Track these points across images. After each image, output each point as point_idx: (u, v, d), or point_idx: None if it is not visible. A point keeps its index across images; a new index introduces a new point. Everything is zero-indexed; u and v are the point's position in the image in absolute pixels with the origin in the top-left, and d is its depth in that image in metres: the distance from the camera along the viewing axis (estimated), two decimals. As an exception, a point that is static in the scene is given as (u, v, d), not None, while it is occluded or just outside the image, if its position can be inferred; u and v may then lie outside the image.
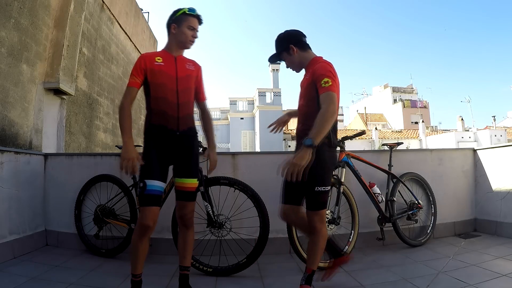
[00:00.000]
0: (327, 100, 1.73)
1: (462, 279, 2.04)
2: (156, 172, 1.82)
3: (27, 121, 3.86)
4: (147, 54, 1.95)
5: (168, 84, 1.88)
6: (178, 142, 1.90)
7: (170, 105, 1.87)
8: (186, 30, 1.91)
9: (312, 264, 1.88)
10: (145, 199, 1.78)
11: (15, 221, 2.65)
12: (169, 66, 1.92)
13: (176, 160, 1.92)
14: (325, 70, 1.80)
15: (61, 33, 4.30)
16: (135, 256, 1.81)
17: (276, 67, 23.69)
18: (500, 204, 3.15)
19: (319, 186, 1.83)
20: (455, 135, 22.48)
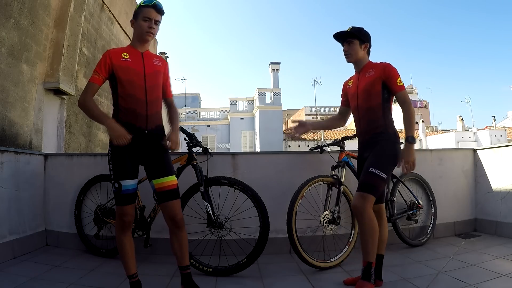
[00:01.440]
0: (407, 100, 2.01)
1: (462, 279, 2.04)
2: (129, 171, 1.83)
3: (27, 121, 3.86)
4: (113, 50, 1.91)
5: (136, 80, 1.85)
6: (147, 141, 1.87)
7: (139, 103, 1.84)
8: (142, 22, 1.88)
9: (366, 256, 1.84)
10: (122, 199, 1.81)
11: (15, 221, 2.65)
12: (136, 62, 1.88)
13: (148, 160, 1.89)
14: (396, 72, 2.01)
15: (61, 33, 4.30)
16: (125, 255, 1.83)
17: (276, 67, 23.70)
18: (500, 204, 3.15)
19: (375, 167, 1.88)
20: (455, 135, 22.46)
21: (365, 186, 1.87)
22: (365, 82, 2.07)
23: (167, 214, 1.88)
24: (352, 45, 2.10)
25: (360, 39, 2.10)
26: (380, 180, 1.88)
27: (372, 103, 2.04)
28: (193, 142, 2.44)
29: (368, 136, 2.08)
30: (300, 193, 2.45)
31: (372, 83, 2.03)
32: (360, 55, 2.12)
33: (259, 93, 22.93)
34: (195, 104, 29.52)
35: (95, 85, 1.86)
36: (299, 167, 2.91)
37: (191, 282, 1.92)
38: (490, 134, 21.90)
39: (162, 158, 1.91)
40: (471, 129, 26.59)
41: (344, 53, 2.16)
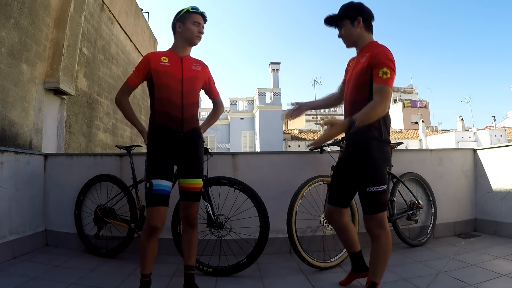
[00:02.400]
0: (382, 94, 1.60)
1: (462, 279, 2.04)
2: (163, 172, 1.82)
3: (27, 121, 3.86)
4: (154, 54, 1.95)
5: (172, 85, 1.88)
6: (183, 143, 1.90)
7: (175, 106, 1.87)
8: (191, 26, 1.92)
9: (372, 275, 1.69)
10: (152, 199, 1.77)
11: (15, 221, 2.65)
12: (175, 66, 1.91)
13: (181, 161, 1.92)
14: (386, 59, 1.64)
15: (61, 33, 4.30)
16: (143, 257, 1.82)
17: (276, 67, 23.70)
18: (500, 204, 3.15)
19: (371, 186, 1.66)
20: (455, 135, 22.47)
21: (372, 207, 1.68)
22: (356, 69, 1.77)
23: (184, 212, 1.94)
24: (344, 28, 1.81)
25: (349, 16, 1.78)
26: (382, 193, 1.68)
27: (357, 97, 1.73)
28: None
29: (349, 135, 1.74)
30: (300, 193, 2.45)
31: (361, 73, 1.72)
32: (356, 35, 1.79)
33: (259, 93, 22.94)
34: (195, 104, 29.44)
35: (130, 86, 1.97)
36: (299, 167, 2.91)
37: (192, 284, 1.93)
38: (490, 134, 21.90)
39: (196, 160, 1.94)
40: (471, 129, 26.61)
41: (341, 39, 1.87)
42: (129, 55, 7.66)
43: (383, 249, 1.69)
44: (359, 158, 1.73)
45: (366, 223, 1.73)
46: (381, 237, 1.68)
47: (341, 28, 1.84)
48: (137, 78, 1.93)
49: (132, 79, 1.94)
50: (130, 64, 7.67)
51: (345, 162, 1.89)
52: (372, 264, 1.71)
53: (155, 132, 1.89)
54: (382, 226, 1.69)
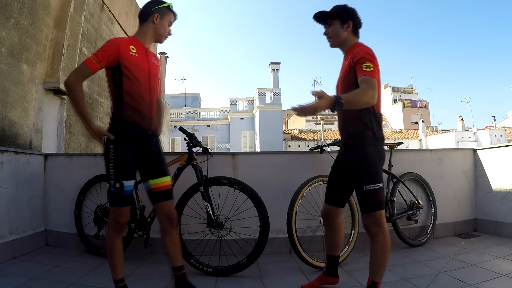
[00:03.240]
0: (369, 83, 1.58)
1: (462, 279, 2.04)
2: (131, 171, 1.76)
3: (27, 121, 3.86)
4: (122, 40, 1.77)
5: (142, 79, 1.78)
6: (148, 142, 1.83)
7: (144, 103, 1.79)
8: (167, 24, 1.86)
9: (373, 275, 1.68)
10: (122, 200, 1.72)
11: (15, 221, 2.65)
12: (143, 59, 1.80)
13: (146, 161, 1.83)
14: (366, 53, 1.67)
15: (61, 33, 4.31)
16: (116, 259, 1.75)
17: (276, 67, 23.70)
18: (500, 204, 3.15)
19: (367, 184, 1.68)
20: (455, 135, 22.47)
21: (369, 206, 1.70)
22: (342, 71, 1.81)
23: (164, 213, 1.85)
24: (332, 27, 1.83)
25: (340, 18, 1.81)
26: (379, 192, 1.70)
27: None
28: (193, 142, 2.44)
29: (344, 137, 1.85)
30: (300, 193, 2.45)
31: (346, 74, 1.75)
32: (343, 37, 1.82)
33: (259, 93, 22.94)
34: (195, 104, 29.52)
35: (89, 70, 1.69)
36: (299, 167, 2.91)
37: (186, 283, 1.84)
38: (490, 134, 21.92)
39: (160, 159, 1.89)
40: (471, 129, 26.62)
41: (326, 36, 1.88)
42: (129, 55, 7.65)
43: (382, 247, 1.69)
44: (355, 158, 1.74)
45: (364, 222, 1.74)
46: (379, 236, 1.69)
47: (329, 26, 1.85)
48: (99, 63, 1.68)
49: (93, 63, 1.67)
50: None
51: (341, 162, 1.90)
52: (372, 264, 1.71)
53: (124, 127, 1.75)
54: (380, 224, 1.70)
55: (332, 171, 1.98)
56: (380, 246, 1.69)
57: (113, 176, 1.71)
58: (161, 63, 2.10)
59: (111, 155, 1.72)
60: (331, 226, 2.00)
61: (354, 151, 1.76)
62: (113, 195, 1.71)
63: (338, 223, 1.99)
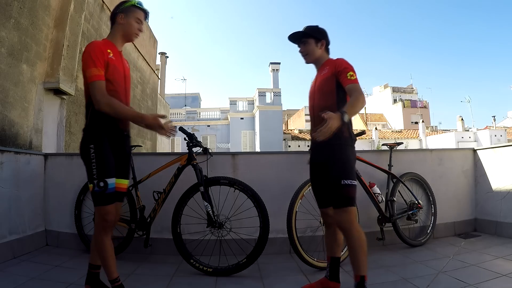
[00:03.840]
0: (357, 91, 1.80)
1: (462, 279, 2.04)
2: (113, 169, 1.76)
3: (27, 121, 3.86)
4: (101, 44, 1.78)
5: (119, 81, 1.81)
6: (124, 143, 1.86)
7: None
8: (134, 22, 1.85)
9: (358, 270, 1.73)
10: (107, 198, 1.71)
11: (15, 221, 2.65)
12: (118, 61, 1.82)
13: (118, 161, 1.83)
14: (348, 64, 1.88)
15: (61, 33, 4.31)
16: (108, 258, 1.75)
17: (276, 67, 23.69)
18: (500, 204, 3.15)
19: (345, 178, 1.78)
20: (455, 135, 22.48)
21: (344, 200, 1.77)
22: (320, 80, 1.98)
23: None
24: (307, 45, 2.01)
25: (315, 37, 2.00)
26: (354, 189, 1.80)
27: (326, 103, 1.90)
28: (193, 142, 2.44)
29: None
30: (300, 193, 2.45)
31: (326, 81, 1.92)
32: (318, 54, 2.02)
33: (259, 93, 22.94)
34: (195, 104, 29.53)
35: (102, 82, 1.70)
36: (299, 167, 2.91)
37: (99, 283, 1.86)
38: (490, 134, 21.93)
39: (129, 161, 1.92)
40: (471, 129, 26.64)
41: (301, 54, 2.06)
42: (129, 55, 7.66)
43: (359, 241, 1.75)
44: (334, 156, 1.84)
45: (338, 218, 1.80)
46: (353, 231, 1.76)
47: (305, 45, 2.02)
48: (102, 71, 1.71)
49: (100, 75, 1.70)
50: (130, 64, 7.64)
51: (319, 163, 1.96)
52: (355, 260, 1.76)
53: (103, 128, 1.77)
54: (352, 220, 1.78)
55: (313, 174, 2.04)
56: (357, 241, 1.75)
57: (96, 175, 1.71)
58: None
59: (92, 155, 1.72)
60: (332, 227, 2.01)
61: (334, 150, 1.85)
62: (97, 194, 1.71)
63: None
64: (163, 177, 2.54)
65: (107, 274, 1.77)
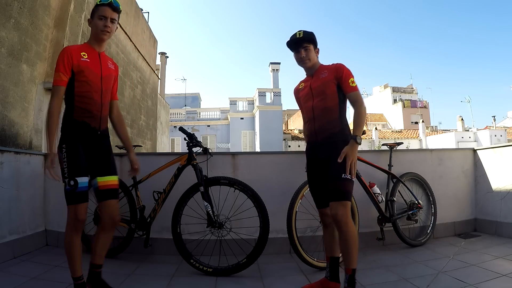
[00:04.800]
0: (359, 100, 1.95)
1: (462, 279, 2.04)
2: (84, 168, 1.79)
3: (27, 121, 3.86)
4: (73, 48, 1.84)
5: (94, 82, 1.84)
6: (99, 141, 1.89)
7: (95, 104, 1.85)
8: (97, 21, 1.87)
9: (349, 264, 1.80)
10: (77, 197, 1.76)
11: (15, 221, 2.65)
12: (95, 63, 1.87)
13: (96, 159, 1.88)
14: (348, 71, 1.99)
15: (61, 33, 4.31)
16: (73, 256, 1.79)
17: (276, 67, 23.69)
18: (500, 204, 3.15)
19: (346, 173, 1.85)
20: (455, 135, 22.48)
21: (342, 193, 1.83)
22: (319, 82, 2.04)
23: (108, 212, 1.89)
24: (309, 51, 2.07)
25: (314, 43, 2.09)
26: (352, 184, 1.88)
27: (328, 104, 1.99)
28: (193, 142, 2.44)
29: (325, 135, 2.00)
30: (300, 193, 2.45)
31: (327, 84, 2.00)
32: (315, 60, 2.11)
33: (259, 93, 22.93)
34: (195, 104, 29.53)
35: (62, 88, 1.79)
36: (299, 167, 2.90)
37: (101, 281, 1.91)
38: (490, 134, 21.92)
39: (109, 158, 1.94)
40: (471, 129, 26.64)
41: (300, 59, 2.09)
42: (129, 55, 7.66)
43: (352, 235, 1.81)
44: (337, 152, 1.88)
45: (335, 211, 1.83)
46: (349, 224, 1.82)
47: (306, 51, 2.07)
48: (64, 76, 1.77)
49: (62, 80, 1.77)
50: (130, 64, 7.67)
51: (320, 161, 2.01)
52: (346, 253, 1.82)
53: (74, 127, 1.82)
54: (348, 214, 1.84)
55: (311, 174, 2.09)
56: (351, 235, 1.81)
57: (67, 174, 1.76)
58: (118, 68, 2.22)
59: (63, 154, 1.78)
60: (330, 226, 2.03)
61: (337, 147, 1.90)
62: (68, 193, 1.77)
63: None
64: (163, 177, 2.55)
65: (71, 271, 1.80)
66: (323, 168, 1.98)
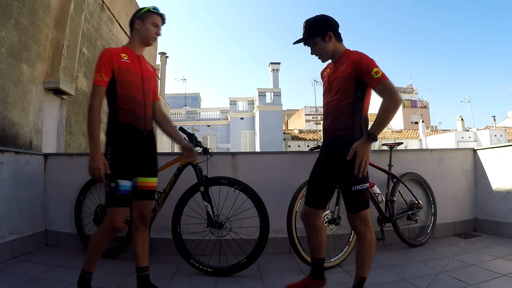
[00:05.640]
0: (388, 91, 1.68)
1: (462, 279, 2.04)
2: (127, 171, 1.79)
3: (27, 121, 3.86)
4: (113, 50, 1.87)
5: (135, 83, 1.87)
6: (145, 142, 1.91)
7: (139, 105, 1.87)
8: (150, 26, 1.92)
9: (361, 271, 1.75)
10: (117, 200, 1.74)
11: (15, 221, 2.65)
12: (135, 64, 1.90)
13: (140, 160, 1.88)
14: (369, 60, 1.71)
15: (61, 33, 4.31)
16: (94, 255, 1.80)
17: (276, 67, 23.70)
18: (500, 204, 3.15)
19: (356, 184, 1.70)
20: (455, 135, 22.47)
21: (358, 206, 1.74)
22: (336, 75, 1.81)
23: (140, 211, 1.90)
24: (316, 46, 1.84)
25: (319, 34, 1.80)
26: (366, 191, 1.75)
27: (341, 102, 1.77)
28: (193, 142, 2.44)
29: (331, 136, 1.84)
30: (300, 193, 2.45)
31: (343, 80, 1.76)
32: (331, 49, 1.82)
33: (259, 93, 22.94)
34: (195, 104, 29.53)
35: (102, 88, 1.79)
36: (299, 167, 2.91)
37: (150, 285, 1.90)
38: (490, 134, 21.91)
39: (154, 159, 1.97)
40: (471, 129, 26.61)
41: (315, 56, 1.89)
42: (129, 55, 7.64)
43: (369, 244, 1.76)
44: (343, 160, 1.72)
45: (352, 221, 1.78)
46: (367, 234, 1.75)
47: (313, 47, 1.85)
48: (106, 77, 1.78)
49: (102, 80, 1.77)
50: (130, 64, 7.63)
51: (325, 162, 1.87)
52: (360, 260, 1.76)
53: (119, 129, 1.83)
54: (367, 223, 1.76)
55: (314, 172, 1.94)
56: (369, 244, 1.75)
57: (109, 176, 1.75)
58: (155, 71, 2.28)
59: (108, 156, 1.79)
60: (311, 228, 1.94)
61: (344, 151, 1.71)
62: (108, 194, 1.76)
63: (319, 225, 1.95)
64: (163, 177, 2.54)
65: (86, 265, 1.80)
66: (325, 171, 1.86)
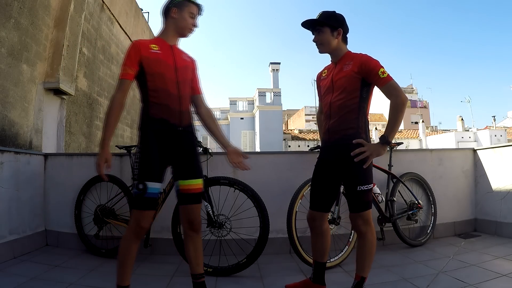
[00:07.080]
0: (394, 91, 1.71)
1: (462, 279, 2.04)
2: (157, 173, 1.67)
3: (27, 121, 3.86)
4: (142, 41, 1.74)
5: (167, 74, 1.71)
6: (180, 139, 1.74)
7: (172, 98, 1.71)
8: (188, 17, 1.77)
9: (361, 271, 1.75)
10: (144, 202, 1.63)
11: (15, 221, 2.65)
12: (167, 54, 1.74)
13: (178, 160, 1.74)
14: (375, 61, 1.74)
15: (61, 33, 4.30)
16: (126, 263, 1.66)
17: (276, 67, 23.71)
18: (500, 204, 3.15)
19: (361, 185, 1.71)
20: (455, 135, 22.47)
21: (361, 206, 1.75)
22: (341, 75, 1.80)
23: (187, 217, 1.75)
24: (322, 34, 1.82)
25: (330, 25, 1.80)
26: (370, 192, 1.77)
27: (347, 102, 1.77)
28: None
29: (338, 137, 1.81)
30: (300, 193, 2.45)
31: (349, 79, 1.76)
32: (334, 44, 1.83)
33: (259, 93, 22.95)
34: (195, 104, 29.48)
35: (127, 82, 1.68)
36: (299, 167, 2.91)
37: None
38: (490, 134, 21.92)
39: (193, 159, 1.78)
40: (471, 129, 26.61)
41: (315, 43, 1.87)
42: (129, 55, 7.63)
43: (370, 244, 1.77)
44: (350, 160, 1.72)
45: (354, 221, 1.79)
46: (368, 234, 1.76)
47: (319, 34, 1.84)
48: (132, 70, 1.67)
49: (128, 73, 1.67)
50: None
51: (329, 164, 1.86)
52: (360, 260, 1.77)
53: (151, 125, 1.69)
54: (369, 223, 1.77)
55: (317, 174, 1.92)
56: (369, 244, 1.77)
57: (137, 176, 1.65)
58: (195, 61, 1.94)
59: (137, 154, 1.69)
60: (317, 232, 1.93)
61: (350, 151, 1.72)
62: (135, 197, 1.65)
63: (325, 229, 1.94)
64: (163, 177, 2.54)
65: (119, 279, 1.67)
66: (329, 171, 1.85)
